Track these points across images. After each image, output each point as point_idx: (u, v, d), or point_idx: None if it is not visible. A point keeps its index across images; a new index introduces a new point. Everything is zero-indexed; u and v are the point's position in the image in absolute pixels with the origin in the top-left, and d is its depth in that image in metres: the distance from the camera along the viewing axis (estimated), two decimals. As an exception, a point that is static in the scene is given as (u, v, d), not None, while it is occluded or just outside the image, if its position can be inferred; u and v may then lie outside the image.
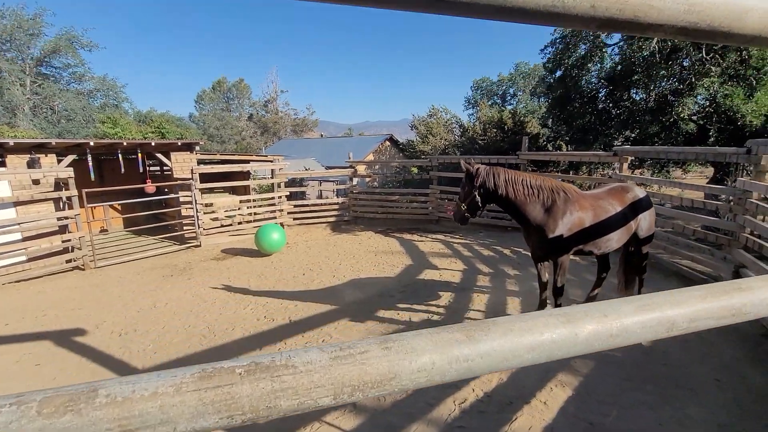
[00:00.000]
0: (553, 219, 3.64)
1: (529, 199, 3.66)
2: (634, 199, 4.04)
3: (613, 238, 3.93)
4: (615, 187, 4.23)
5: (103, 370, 3.77)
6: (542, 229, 3.68)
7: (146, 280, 6.62)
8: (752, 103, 8.34)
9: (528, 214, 3.70)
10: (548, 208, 3.65)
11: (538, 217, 3.68)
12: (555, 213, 3.63)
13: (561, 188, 3.72)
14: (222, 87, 46.27)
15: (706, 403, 2.98)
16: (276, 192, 10.25)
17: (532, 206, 3.67)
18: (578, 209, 3.69)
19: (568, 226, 3.66)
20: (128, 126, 19.25)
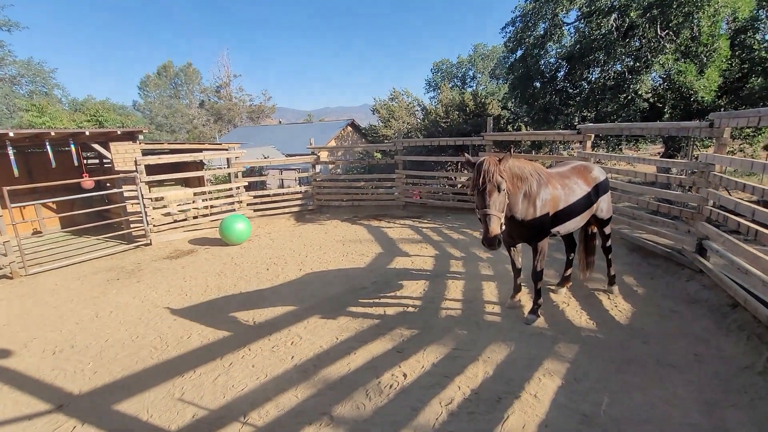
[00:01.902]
0: (532, 204, 3.58)
1: (519, 189, 3.52)
2: (596, 180, 4.14)
3: (578, 218, 4.01)
4: (577, 166, 4.26)
5: (28, 399, 3.20)
6: (521, 216, 3.58)
7: (88, 287, 5.90)
8: (704, 80, 8.66)
9: (514, 205, 3.52)
10: (527, 193, 3.56)
11: (519, 204, 3.55)
12: (533, 197, 3.57)
13: (536, 171, 3.66)
14: (168, 72, 43.14)
15: (690, 379, 2.95)
16: (233, 182, 9.56)
17: (518, 196, 3.52)
18: (552, 190, 3.69)
19: (546, 209, 3.65)
20: (58, 115, 17.35)
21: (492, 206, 3.08)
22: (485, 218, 3.09)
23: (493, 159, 3.19)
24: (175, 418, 2.85)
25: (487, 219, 3.07)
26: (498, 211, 3.11)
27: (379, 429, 2.58)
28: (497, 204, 3.11)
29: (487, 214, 3.07)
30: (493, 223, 3.06)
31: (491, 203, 3.08)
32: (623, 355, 3.29)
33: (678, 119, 9.40)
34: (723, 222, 4.37)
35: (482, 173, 3.11)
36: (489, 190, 3.09)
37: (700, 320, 3.82)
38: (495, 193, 3.10)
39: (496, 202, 3.11)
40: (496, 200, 3.11)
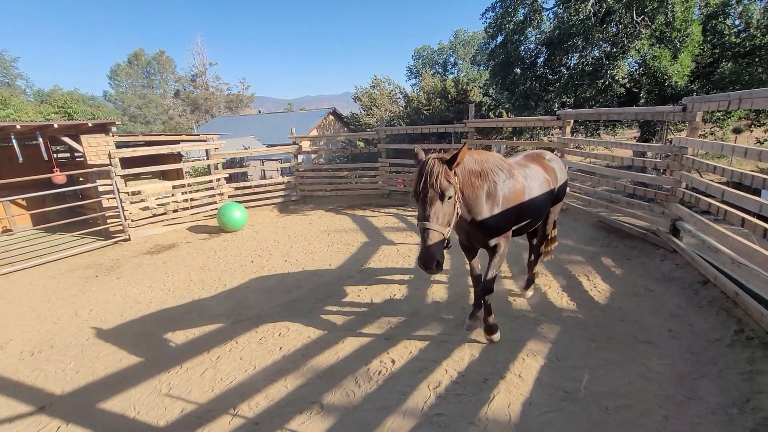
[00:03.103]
0: (495, 202, 3.00)
1: (479, 189, 2.92)
2: (551, 165, 3.85)
3: (543, 209, 3.62)
4: (531, 154, 3.93)
5: (7, 402, 3.12)
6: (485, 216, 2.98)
7: (65, 285, 5.73)
8: (677, 65, 8.88)
9: (474, 207, 2.94)
10: (490, 191, 2.97)
11: (483, 204, 2.95)
12: (497, 193, 3.00)
13: (497, 163, 3.11)
14: (140, 60, 41.46)
15: (665, 354, 3.09)
16: (213, 174, 9.35)
17: (480, 196, 2.94)
18: (515, 183, 3.16)
19: (512, 204, 3.12)
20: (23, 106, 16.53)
21: (432, 218, 2.49)
22: (423, 233, 2.50)
23: (439, 159, 2.59)
24: (164, 414, 2.83)
25: (425, 234, 2.47)
26: (440, 225, 2.51)
27: (370, 415, 2.63)
28: (440, 216, 2.52)
29: (425, 228, 2.48)
30: (432, 239, 2.46)
31: (432, 214, 2.50)
32: (602, 334, 3.41)
33: (653, 104, 9.65)
34: (695, 203, 4.54)
35: (423, 176, 2.54)
36: (430, 198, 2.52)
37: (674, 298, 3.99)
38: (437, 202, 2.52)
39: (439, 213, 2.52)
40: (439, 211, 2.52)
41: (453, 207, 2.63)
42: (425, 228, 2.49)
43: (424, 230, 2.50)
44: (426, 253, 2.46)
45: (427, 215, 2.51)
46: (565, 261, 5.13)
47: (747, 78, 9.85)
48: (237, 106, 41.76)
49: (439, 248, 2.48)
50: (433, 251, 2.45)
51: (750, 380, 2.65)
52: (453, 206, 2.62)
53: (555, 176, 3.78)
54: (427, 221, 2.50)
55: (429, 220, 2.50)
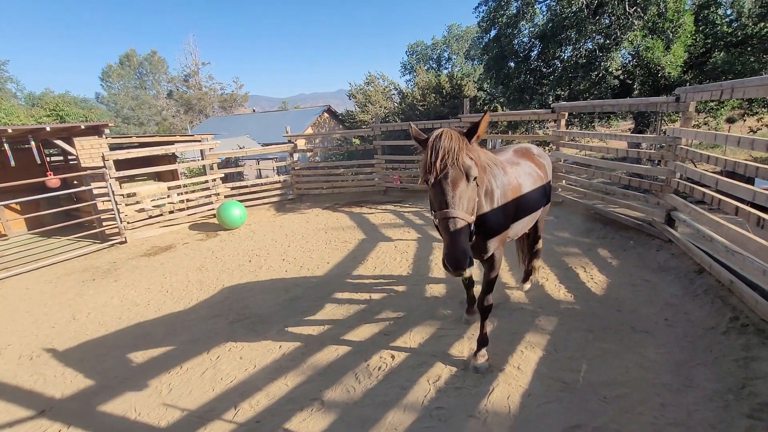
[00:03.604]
0: (492, 200, 2.65)
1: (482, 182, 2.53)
2: (541, 160, 3.54)
3: (539, 210, 3.37)
4: (519, 149, 3.55)
5: (7, 407, 3.11)
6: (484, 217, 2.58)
7: (62, 289, 5.70)
8: (670, 55, 8.90)
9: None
10: (488, 188, 2.62)
11: (484, 203, 2.60)
12: (493, 192, 2.65)
13: (491, 158, 2.82)
14: (132, 61, 41.09)
15: (661, 343, 3.12)
16: (209, 175, 9.31)
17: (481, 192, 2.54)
18: (510, 179, 2.88)
19: (508, 204, 2.79)
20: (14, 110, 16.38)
21: (457, 204, 2.04)
22: (447, 224, 2.02)
23: (457, 132, 2.16)
24: (165, 415, 2.84)
25: (451, 225, 2.01)
26: (467, 213, 2.08)
27: (370, 410, 2.64)
28: (465, 201, 2.07)
29: (450, 218, 2.02)
30: (461, 231, 2.01)
31: (456, 199, 2.04)
32: (599, 324, 3.44)
33: (647, 95, 9.67)
34: (689, 193, 4.57)
35: (440, 153, 2.06)
36: (453, 179, 2.05)
37: (670, 287, 4.02)
38: (461, 183, 2.07)
39: (464, 197, 2.07)
40: (464, 195, 2.07)
41: (475, 190, 2.19)
42: (449, 217, 2.00)
43: (448, 219, 2.01)
44: (455, 248, 1.95)
45: (449, 201, 2.03)
46: (561, 253, 5.16)
47: (739, 67, 9.89)
48: (231, 105, 41.53)
49: (467, 240, 2.03)
50: (464, 244, 1.97)
51: (745, 367, 2.68)
52: (475, 189, 2.19)
53: (546, 172, 3.50)
54: (450, 208, 2.02)
55: (453, 207, 2.02)
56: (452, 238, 1.99)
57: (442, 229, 2.07)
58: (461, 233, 2.00)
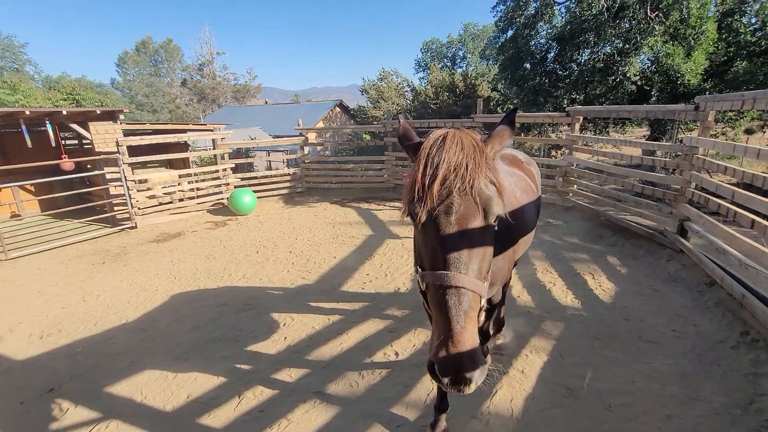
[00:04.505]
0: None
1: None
2: (530, 169, 2.87)
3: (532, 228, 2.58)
4: (507, 156, 2.78)
5: (18, 383, 3.18)
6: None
7: (72, 271, 5.80)
8: (690, 62, 8.74)
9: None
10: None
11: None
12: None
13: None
14: (148, 48, 41.43)
15: (668, 354, 3.09)
16: (219, 164, 9.37)
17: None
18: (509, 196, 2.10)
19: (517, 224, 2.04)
20: (32, 92, 16.62)
21: (466, 264, 1.23)
22: (445, 297, 1.20)
23: (470, 136, 1.32)
24: (170, 399, 2.88)
25: (452, 300, 1.19)
26: (480, 278, 1.26)
27: (372, 406, 2.66)
28: (479, 258, 1.27)
29: (450, 287, 1.20)
30: (469, 311, 1.19)
31: (464, 255, 1.23)
32: (606, 332, 3.41)
33: (664, 102, 9.51)
34: (704, 204, 4.50)
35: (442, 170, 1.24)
36: (461, 218, 1.24)
37: (679, 298, 3.97)
38: (476, 224, 1.25)
39: (478, 251, 1.27)
40: (478, 246, 1.27)
41: (493, 238, 1.34)
42: (450, 285, 1.18)
43: (447, 290, 1.19)
44: (457, 343, 1.13)
45: (451, 256, 1.21)
46: (570, 259, 5.12)
47: (762, 78, 9.67)
48: (244, 96, 41.71)
49: (476, 327, 1.21)
50: (471, 336, 1.15)
51: (754, 382, 2.64)
52: (493, 237, 1.33)
53: (537, 183, 2.83)
54: (453, 270, 1.20)
55: (458, 268, 1.20)
56: (452, 324, 1.14)
57: (435, 303, 1.21)
58: (468, 316, 1.16)
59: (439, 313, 1.21)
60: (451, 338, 1.14)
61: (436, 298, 1.22)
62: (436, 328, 1.22)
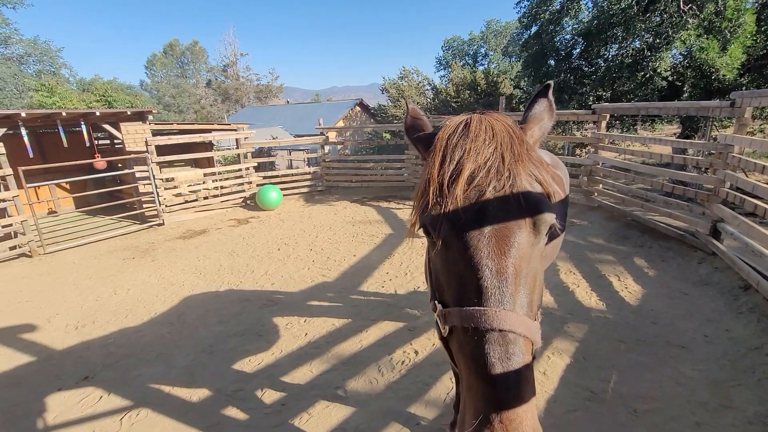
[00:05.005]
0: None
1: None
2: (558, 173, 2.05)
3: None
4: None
5: (56, 371, 3.35)
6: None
7: (104, 265, 6.06)
8: (726, 57, 8.35)
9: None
10: None
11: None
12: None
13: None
14: (174, 50, 42.72)
15: (698, 359, 2.98)
16: (243, 163, 9.59)
17: None
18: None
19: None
20: (68, 95, 17.41)
21: (512, 295, 0.87)
22: (484, 346, 0.82)
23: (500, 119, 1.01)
24: (196, 390, 2.98)
25: (497, 353, 0.81)
26: (528, 317, 0.88)
27: (392, 402, 2.67)
28: (528, 286, 0.91)
29: (494, 330, 0.83)
30: (523, 376, 0.81)
31: (510, 282, 0.87)
32: (632, 336, 3.32)
33: (697, 98, 9.10)
34: (739, 204, 4.31)
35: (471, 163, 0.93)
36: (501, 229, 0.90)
37: (711, 302, 3.82)
38: (523, 238, 0.91)
39: (527, 276, 0.91)
40: (527, 270, 0.91)
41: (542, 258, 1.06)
42: (491, 328, 0.83)
43: (488, 335, 0.84)
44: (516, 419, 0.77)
45: (494, 287, 0.87)
46: (595, 260, 4.99)
47: (804, 72, 9.13)
48: (266, 96, 42.45)
49: (533, 389, 0.84)
50: (532, 424, 0.79)
51: (792, 392, 2.52)
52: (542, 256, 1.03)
53: (564, 188, 2.23)
54: (496, 305, 0.85)
55: (503, 303, 0.86)
56: (499, 393, 0.79)
57: (468, 357, 0.86)
58: (522, 377, 0.81)
59: (476, 374, 0.81)
60: (499, 419, 0.75)
61: (469, 349, 0.84)
62: (470, 396, 0.82)
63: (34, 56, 24.25)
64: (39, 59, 24.53)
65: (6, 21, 22.36)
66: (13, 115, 6.93)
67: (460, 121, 1.02)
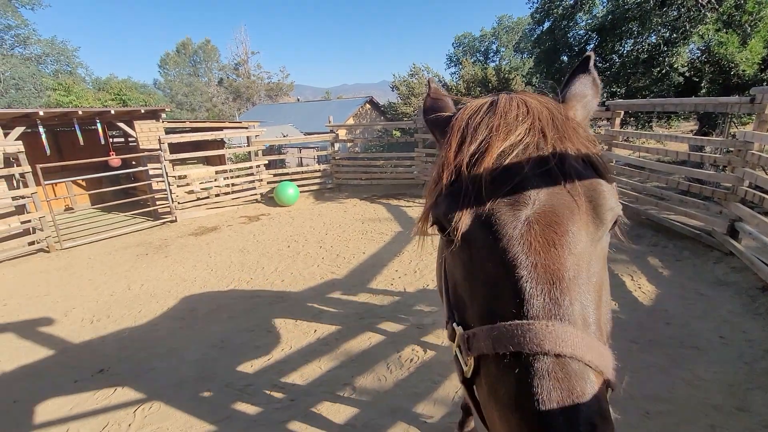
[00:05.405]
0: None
1: None
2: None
3: None
4: None
5: (73, 363, 3.44)
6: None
7: (119, 261, 6.18)
8: (746, 51, 8.12)
9: None
10: None
11: None
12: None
13: None
14: (187, 49, 43.20)
15: (713, 361, 2.91)
16: (253, 161, 9.68)
17: None
18: None
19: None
20: (84, 93, 17.79)
21: (579, 314, 0.60)
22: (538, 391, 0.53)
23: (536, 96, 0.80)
24: (206, 384, 3.03)
25: (561, 399, 0.52)
26: (603, 340, 0.65)
27: (401, 400, 2.68)
28: (593, 299, 0.65)
29: (544, 354, 0.55)
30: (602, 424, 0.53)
31: (576, 299, 0.61)
32: (645, 336, 3.26)
33: (716, 94, 8.88)
34: (758, 203, 4.19)
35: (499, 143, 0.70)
36: (553, 216, 0.65)
37: (727, 303, 3.73)
38: (579, 223, 0.67)
39: (591, 286, 0.65)
40: (588, 276, 0.65)
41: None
42: (543, 352, 0.55)
43: (540, 361, 0.55)
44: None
45: (548, 294, 0.60)
46: (608, 259, 4.90)
47: (828, 66, 8.79)
48: (277, 94, 42.69)
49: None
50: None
51: (812, 396, 2.45)
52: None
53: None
54: (552, 319, 0.58)
55: (561, 316, 0.58)
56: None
57: (502, 399, 0.59)
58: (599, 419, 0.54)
59: (524, 425, 0.54)
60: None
61: (506, 391, 0.57)
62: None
63: (52, 56, 24.80)
64: (56, 59, 25.08)
65: (25, 22, 22.91)
66: (31, 113, 7.10)
67: (484, 101, 0.80)
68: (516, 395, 0.56)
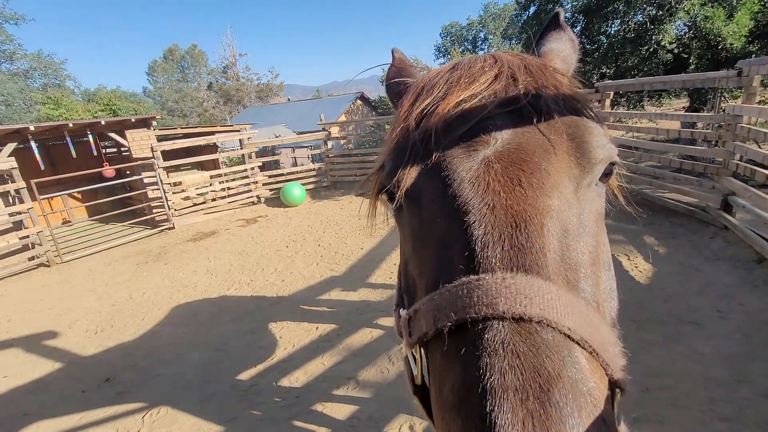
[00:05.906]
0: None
1: None
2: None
3: None
4: None
5: (79, 373, 3.46)
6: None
7: (119, 271, 6.19)
8: (733, 24, 8.09)
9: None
10: None
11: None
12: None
13: None
14: (174, 55, 42.89)
15: (711, 335, 2.95)
16: (247, 163, 9.66)
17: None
18: None
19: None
20: (73, 106, 17.69)
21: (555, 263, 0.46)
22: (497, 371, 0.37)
23: (507, 52, 0.69)
24: (212, 386, 3.05)
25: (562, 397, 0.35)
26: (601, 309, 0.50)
27: (403, 391, 2.71)
28: (585, 253, 0.52)
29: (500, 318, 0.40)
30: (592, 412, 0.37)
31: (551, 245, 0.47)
32: (643, 314, 3.30)
33: (704, 70, 8.86)
34: (750, 176, 4.22)
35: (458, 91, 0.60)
36: (522, 153, 0.53)
37: (724, 277, 3.76)
38: (564, 165, 0.55)
39: (581, 239, 0.52)
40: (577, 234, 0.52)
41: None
42: (496, 316, 0.40)
43: (492, 331, 0.40)
44: None
45: (507, 239, 0.46)
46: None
47: (816, 35, 8.76)
48: (267, 95, 42.44)
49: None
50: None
51: (808, 362, 2.49)
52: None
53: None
54: (513, 266, 0.44)
55: (528, 263, 0.44)
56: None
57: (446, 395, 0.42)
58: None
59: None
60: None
61: (455, 375, 0.42)
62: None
63: (39, 70, 24.62)
64: (44, 72, 24.89)
65: (10, 37, 22.69)
66: (22, 129, 7.07)
67: (450, 64, 0.69)
68: (458, 389, 0.39)
